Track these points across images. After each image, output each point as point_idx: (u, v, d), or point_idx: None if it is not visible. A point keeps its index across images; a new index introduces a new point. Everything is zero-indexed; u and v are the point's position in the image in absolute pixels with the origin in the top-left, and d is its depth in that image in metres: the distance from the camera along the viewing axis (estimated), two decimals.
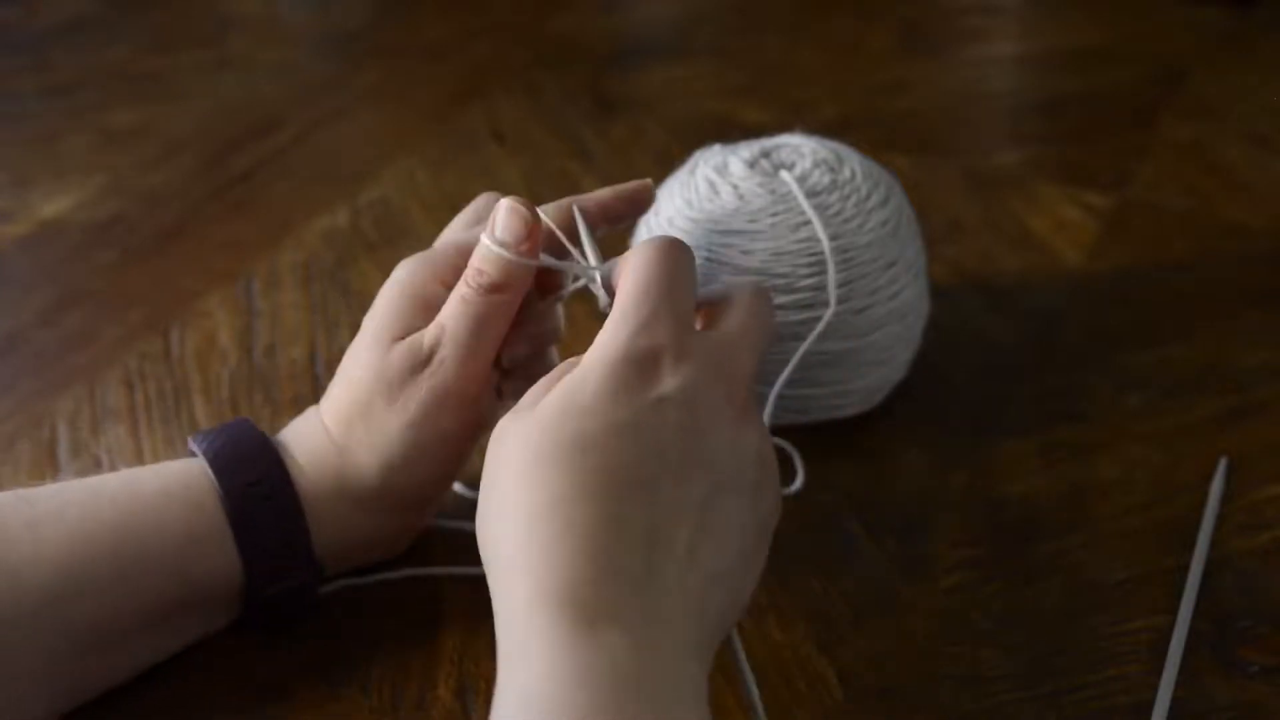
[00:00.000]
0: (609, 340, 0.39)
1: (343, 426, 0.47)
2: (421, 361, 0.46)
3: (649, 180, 0.51)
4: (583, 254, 0.46)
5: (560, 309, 0.52)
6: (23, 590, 0.41)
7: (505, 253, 0.44)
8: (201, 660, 0.47)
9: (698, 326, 0.43)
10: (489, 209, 0.49)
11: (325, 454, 0.47)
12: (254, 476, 0.45)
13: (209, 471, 0.45)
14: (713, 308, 0.43)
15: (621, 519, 0.36)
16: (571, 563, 0.35)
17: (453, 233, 0.52)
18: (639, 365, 0.38)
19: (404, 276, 0.48)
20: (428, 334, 0.46)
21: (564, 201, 0.48)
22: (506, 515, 0.37)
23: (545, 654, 0.34)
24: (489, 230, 0.45)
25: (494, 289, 0.45)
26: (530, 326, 0.49)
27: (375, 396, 0.46)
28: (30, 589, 0.41)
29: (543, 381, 0.40)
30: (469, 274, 0.45)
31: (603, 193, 0.50)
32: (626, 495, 0.36)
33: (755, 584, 0.40)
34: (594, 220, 0.48)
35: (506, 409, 0.46)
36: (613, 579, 0.35)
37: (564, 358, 0.43)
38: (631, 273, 0.41)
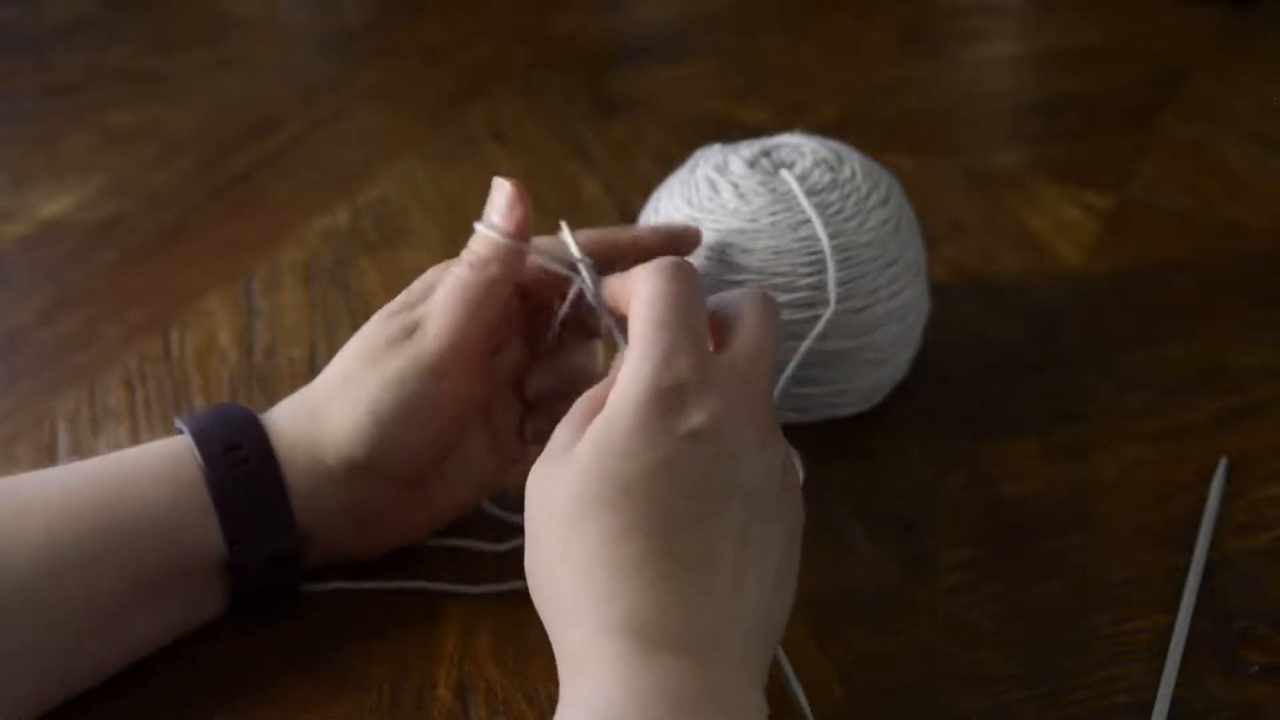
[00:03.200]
0: (633, 379, 0.39)
1: (326, 390, 0.48)
2: (407, 330, 0.47)
3: (696, 229, 0.52)
4: (576, 270, 0.47)
5: (599, 349, 0.52)
6: (10, 567, 0.42)
7: (493, 233, 0.46)
8: (199, 659, 0.47)
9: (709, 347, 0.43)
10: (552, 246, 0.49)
11: (303, 414, 0.48)
12: (232, 442, 0.46)
13: (192, 444, 0.46)
14: (721, 323, 0.43)
15: (672, 551, 0.37)
16: (629, 595, 0.37)
17: None
18: (665, 403, 0.39)
19: (423, 275, 0.49)
20: (418, 307, 0.47)
21: (607, 231, 0.50)
22: (559, 558, 0.38)
23: (611, 679, 0.36)
24: (486, 212, 0.47)
25: (481, 264, 0.46)
26: (560, 358, 0.50)
27: (359, 359, 0.47)
28: (18, 566, 0.42)
29: (568, 423, 0.41)
30: (464, 252, 0.47)
31: (643, 232, 0.51)
32: (672, 529, 0.37)
33: (793, 592, 0.41)
34: (628, 255, 0.48)
35: (530, 453, 0.48)
36: (670, 607, 0.37)
37: None
38: (644, 304, 0.41)
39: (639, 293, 0.42)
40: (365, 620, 0.49)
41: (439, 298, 0.47)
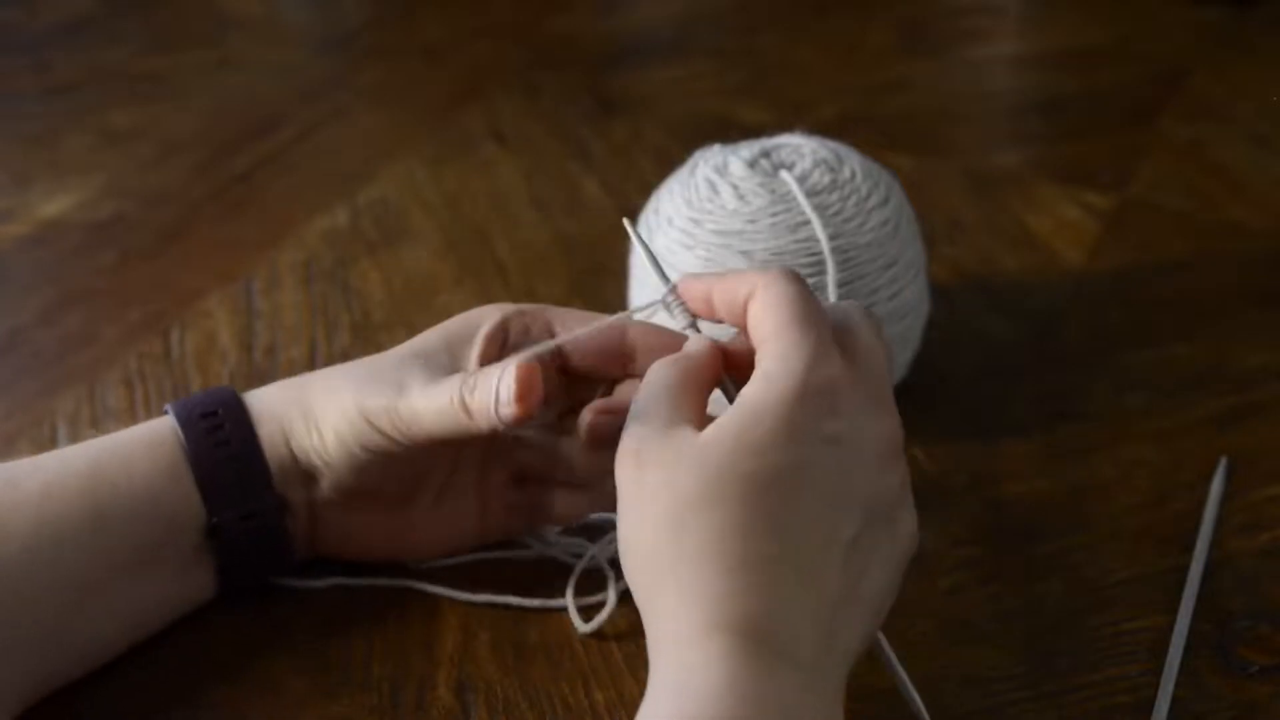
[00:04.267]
0: (784, 373, 0.37)
1: (326, 388, 0.47)
2: (430, 371, 0.45)
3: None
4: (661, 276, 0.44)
5: None
6: (7, 541, 0.43)
7: (499, 423, 0.43)
8: (199, 657, 0.47)
9: None
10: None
11: (292, 386, 0.48)
12: (208, 410, 0.47)
13: (174, 419, 0.47)
14: (838, 334, 0.40)
15: (796, 560, 0.36)
16: (747, 594, 0.36)
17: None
18: (814, 402, 0.37)
19: (470, 314, 0.48)
20: (444, 352, 0.46)
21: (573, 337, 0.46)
22: (670, 542, 0.37)
23: (721, 678, 0.34)
24: (496, 396, 0.43)
25: (468, 423, 0.44)
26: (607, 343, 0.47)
27: (369, 371, 0.47)
28: (14, 539, 0.43)
29: (664, 391, 0.39)
30: (475, 392, 0.43)
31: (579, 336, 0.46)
32: (800, 536, 0.37)
33: (882, 618, 0.40)
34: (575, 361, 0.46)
35: (565, 446, 0.48)
36: (787, 616, 0.36)
37: None
38: (779, 302, 0.39)
39: (765, 294, 0.39)
40: (365, 620, 0.49)
41: (424, 409, 0.44)
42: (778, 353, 0.38)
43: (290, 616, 0.49)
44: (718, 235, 0.53)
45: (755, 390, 0.38)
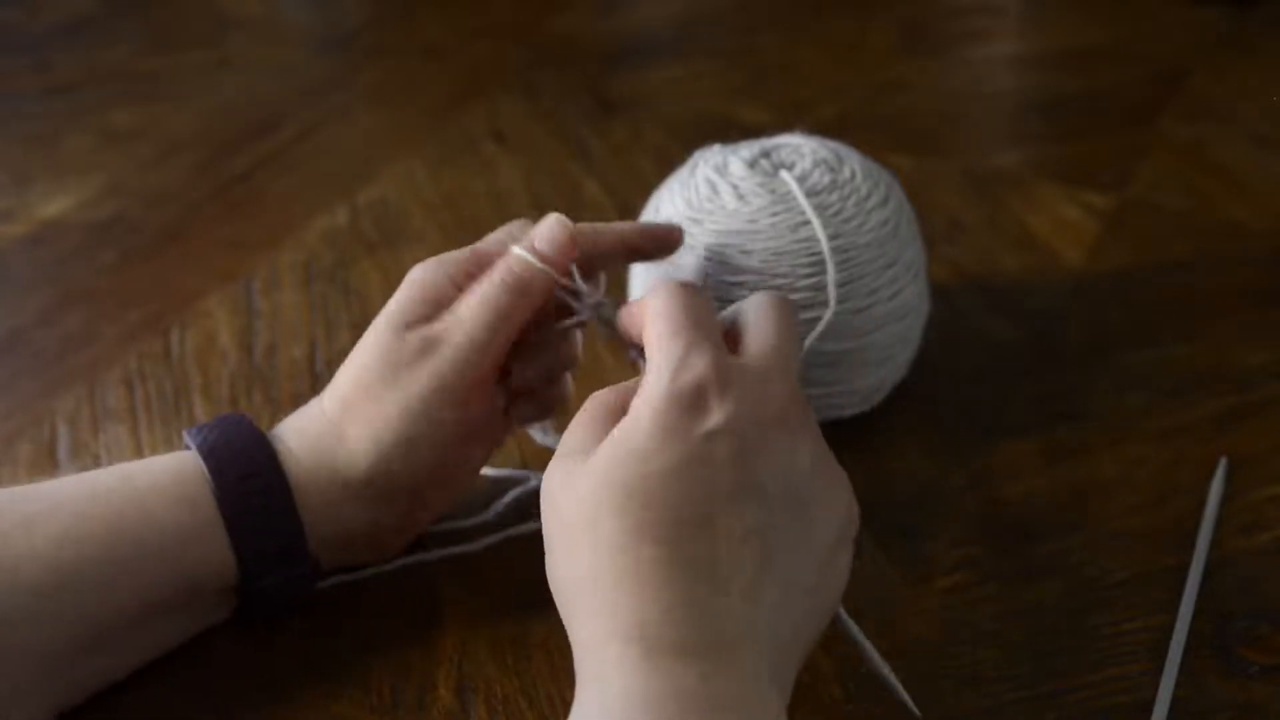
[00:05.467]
0: (654, 382, 0.39)
1: (341, 407, 0.47)
2: (429, 347, 0.46)
3: (679, 227, 0.52)
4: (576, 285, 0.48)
5: (579, 337, 0.52)
6: (19, 587, 0.42)
7: (537, 262, 0.47)
8: (200, 659, 0.47)
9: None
10: (522, 231, 0.50)
11: (321, 437, 0.47)
12: (248, 470, 0.45)
13: (202, 466, 0.45)
14: (734, 331, 0.43)
15: (682, 558, 0.37)
16: (638, 603, 0.37)
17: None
18: (686, 402, 0.39)
19: (420, 275, 0.48)
20: (440, 323, 0.47)
21: (592, 227, 0.49)
22: (572, 562, 0.39)
23: (618, 684, 0.36)
24: (530, 238, 0.47)
25: (520, 289, 0.46)
26: (546, 353, 0.50)
27: (378, 378, 0.46)
28: (25, 586, 0.42)
29: (582, 423, 0.41)
30: (497, 271, 0.47)
31: (629, 228, 0.51)
32: (684, 534, 0.37)
33: (839, 593, 0.41)
34: (614, 251, 0.49)
35: (509, 431, 0.50)
36: (677, 613, 0.36)
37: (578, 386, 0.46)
38: (656, 316, 0.41)
39: (650, 310, 0.42)
40: (365, 620, 0.49)
41: (467, 317, 0.46)
42: (651, 366, 0.40)
43: (292, 619, 0.49)
44: (718, 235, 0.53)
45: (634, 403, 0.39)
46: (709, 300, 0.43)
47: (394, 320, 0.47)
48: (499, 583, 0.50)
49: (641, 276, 0.58)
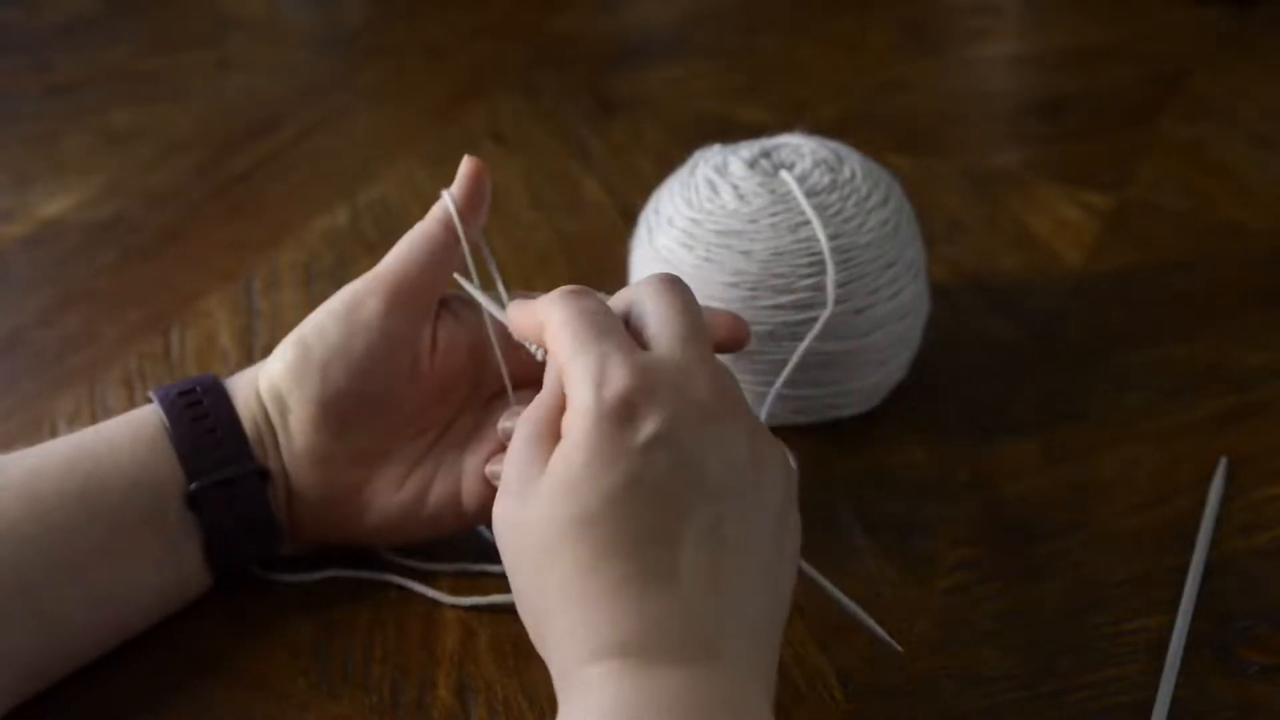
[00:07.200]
0: (580, 403, 0.39)
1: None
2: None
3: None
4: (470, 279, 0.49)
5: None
6: None
7: (453, 210, 0.49)
8: (198, 658, 0.47)
9: None
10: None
11: (261, 367, 0.49)
12: (187, 387, 0.48)
13: (156, 402, 0.48)
14: (635, 326, 0.42)
15: (644, 569, 0.37)
16: (616, 618, 0.37)
17: None
18: (617, 417, 0.38)
19: None
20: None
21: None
22: (537, 593, 0.39)
23: (610, 695, 0.36)
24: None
25: (443, 223, 0.49)
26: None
27: (320, 310, 0.49)
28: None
29: (519, 450, 0.40)
30: (430, 212, 0.50)
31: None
32: (640, 547, 0.37)
33: (795, 551, 0.41)
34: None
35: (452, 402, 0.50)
36: (655, 622, 0.37)
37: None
38: (559, 329, 0.41)
39: (550, 322, 0.41)
40: (365, 620, 0.49)
41: (400, 241, 0.49)
42: (569, 386, 0.39)
43: (290, 616, 0.49)
44: (718, 235, 0.53)
45: (565, 428, 0.39)
46: (602, 300, 0.42)
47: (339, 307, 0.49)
48: (499, 583, 0.50)
49: (640, 276, 0.57)
